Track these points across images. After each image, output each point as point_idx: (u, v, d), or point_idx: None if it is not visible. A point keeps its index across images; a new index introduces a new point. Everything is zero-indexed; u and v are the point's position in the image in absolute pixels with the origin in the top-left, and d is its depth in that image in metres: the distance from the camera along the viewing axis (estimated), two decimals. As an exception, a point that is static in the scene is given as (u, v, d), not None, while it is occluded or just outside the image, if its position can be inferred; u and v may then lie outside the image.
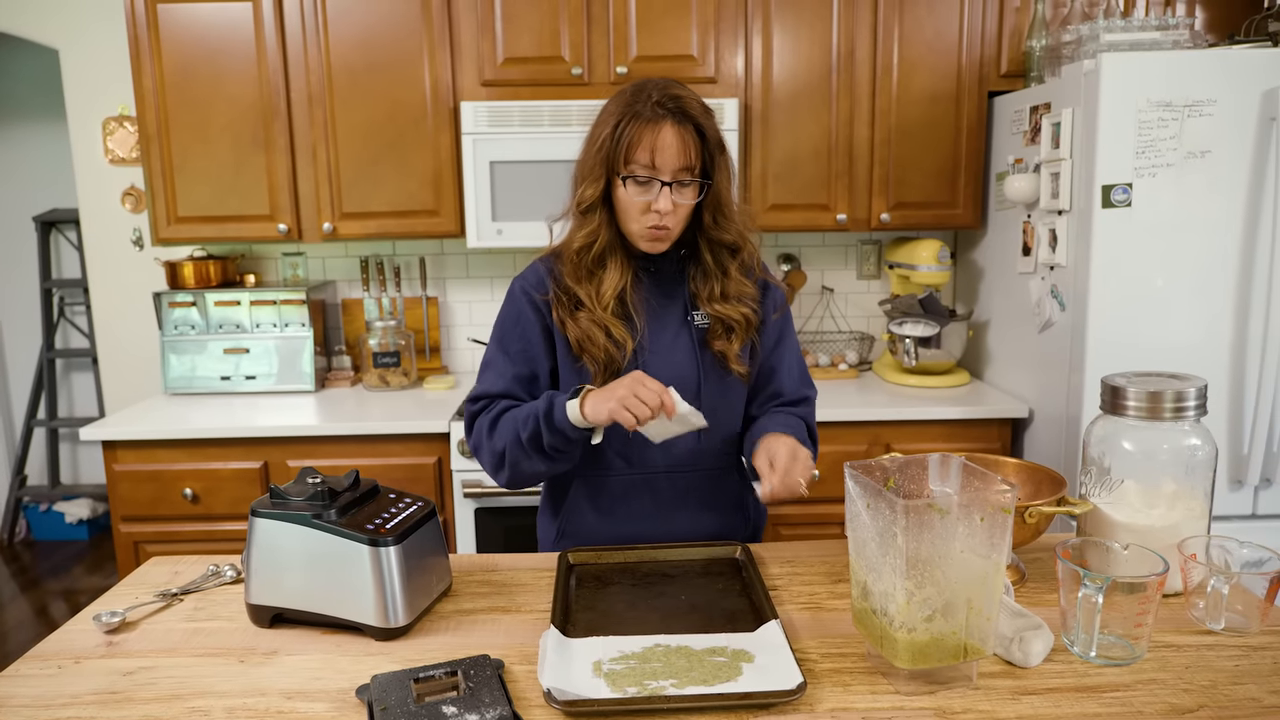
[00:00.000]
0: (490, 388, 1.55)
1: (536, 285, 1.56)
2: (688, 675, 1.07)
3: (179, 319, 2.98)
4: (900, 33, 2.76)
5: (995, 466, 1.48)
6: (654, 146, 1.41)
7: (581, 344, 1.50)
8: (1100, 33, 2.32)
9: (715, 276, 1.54)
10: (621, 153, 1.43)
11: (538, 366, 1.56)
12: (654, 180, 1.43)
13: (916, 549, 1.00)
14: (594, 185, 1.47)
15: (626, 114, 1.43)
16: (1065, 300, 2.36)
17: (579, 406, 1.39)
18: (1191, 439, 1.29)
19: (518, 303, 1.57)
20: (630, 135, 1.42)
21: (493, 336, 1.60)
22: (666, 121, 1.42)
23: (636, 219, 1.46)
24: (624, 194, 1.45)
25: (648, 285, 1.55)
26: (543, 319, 1.55)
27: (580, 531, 1.60)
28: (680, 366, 1.54)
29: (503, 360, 1.56)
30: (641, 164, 1.42)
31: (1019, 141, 2.63)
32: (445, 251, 3.24)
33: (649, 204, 1.44)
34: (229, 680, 1.12)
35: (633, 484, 1.57)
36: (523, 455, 1.47)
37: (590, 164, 1.48)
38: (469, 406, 1.57)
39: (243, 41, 2.74)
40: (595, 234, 1.49)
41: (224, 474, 2.59)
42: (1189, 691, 1.05)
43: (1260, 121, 2.15)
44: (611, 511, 1.58)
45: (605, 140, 1.45)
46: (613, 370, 1.49)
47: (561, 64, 2.75)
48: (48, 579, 4.10)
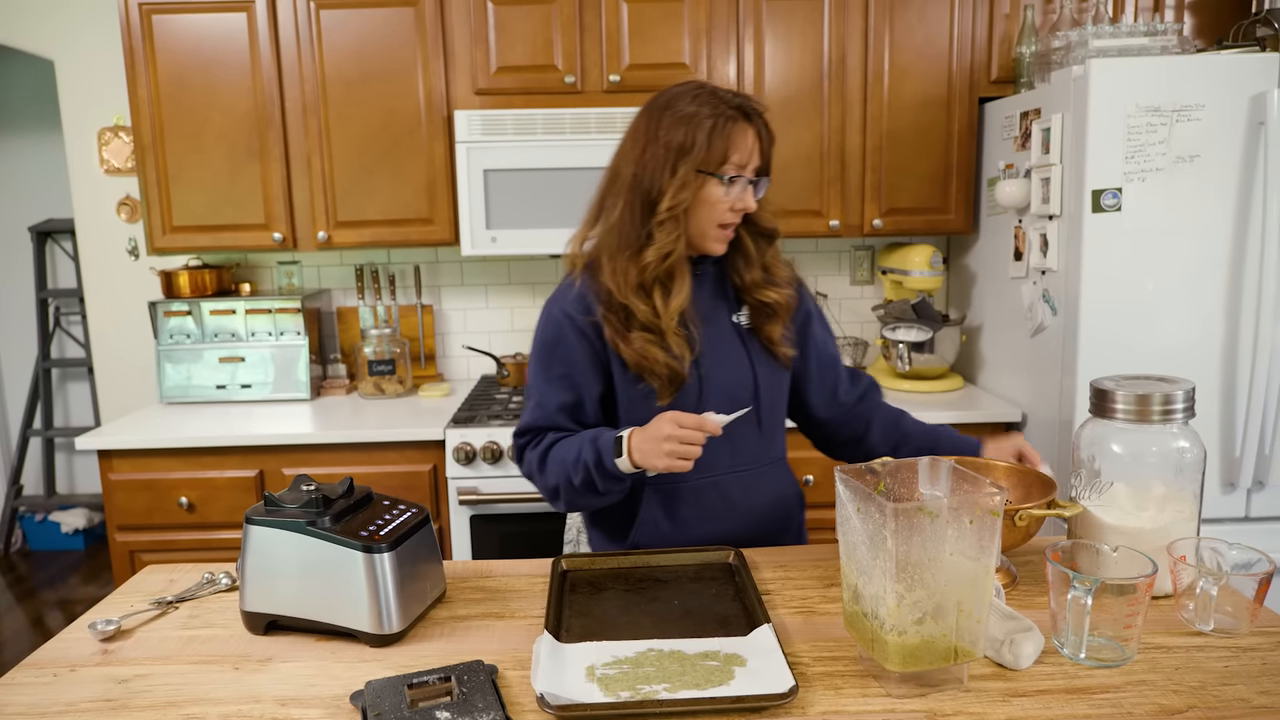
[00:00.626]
0: (535, 421, 1.55)
1: (579, 307, 1.52)
2: (681, 679, 1.08)
3: (174, 328, 2.99)
4: (891, 39, 2.78)
5: (985, 470, 1.49)
6: (747, 145, 1.47)
7: (640, 365, 1.48)
8: (1089, 39, 2.34)
9: (757, 263, 1.58)
10: (717, 155, 1.45)
11: (583, 392, 1.54)
12: (740, 178, 1.47)
13: (906, 552, 1.01)
14: (687, 189, 1.45)
15: (709, 116, 1.45)
16: (1057, 305, 2.37)
17: (628, 458, 1.42)
18: (1180, 441, 1.30)
19: (559, 327, 1.53)
20: (726, 136, 1.45)
21: (532, 363, 1.58)
22: (743, 121, 1.47)
23: (714, 219, 1.49)
24: (713, 194, 1.47)
25: (696, 291, 1.54)
26: (589, 343, 1.52)
27: (656, 539, 1.58)
28: (737, 370, 1.56)
29: (545, 389, 1.55)
30: (735, 164, 1.46)
31: (1010, 147, 2.65)
32: (440, 259, 3.25)
33: (733, 202, 1.48)
34: (224, 687, 1.12)
35: (702, 488, 1.57)
36: (577, 495, 1.51)
37: (669, 168, 1.46)
38: (516, 440, 1.59)
39: (237, 52, 2.75)
40: (676, 242, 1.47)
41: (219, 483, 2.59)
42: (1178, 692, 1.05)
43: (1249, 126, 2.17)
44: (685, 518, 1.58)
45: (699, 144, 1.44)
46: (677, 384, 1.49)
47: (554, 72, 2.77)
48: (44, 589, 4.10)
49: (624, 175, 1.50)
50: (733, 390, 1.54)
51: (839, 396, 1.70)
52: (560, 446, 1.51)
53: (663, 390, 1.49)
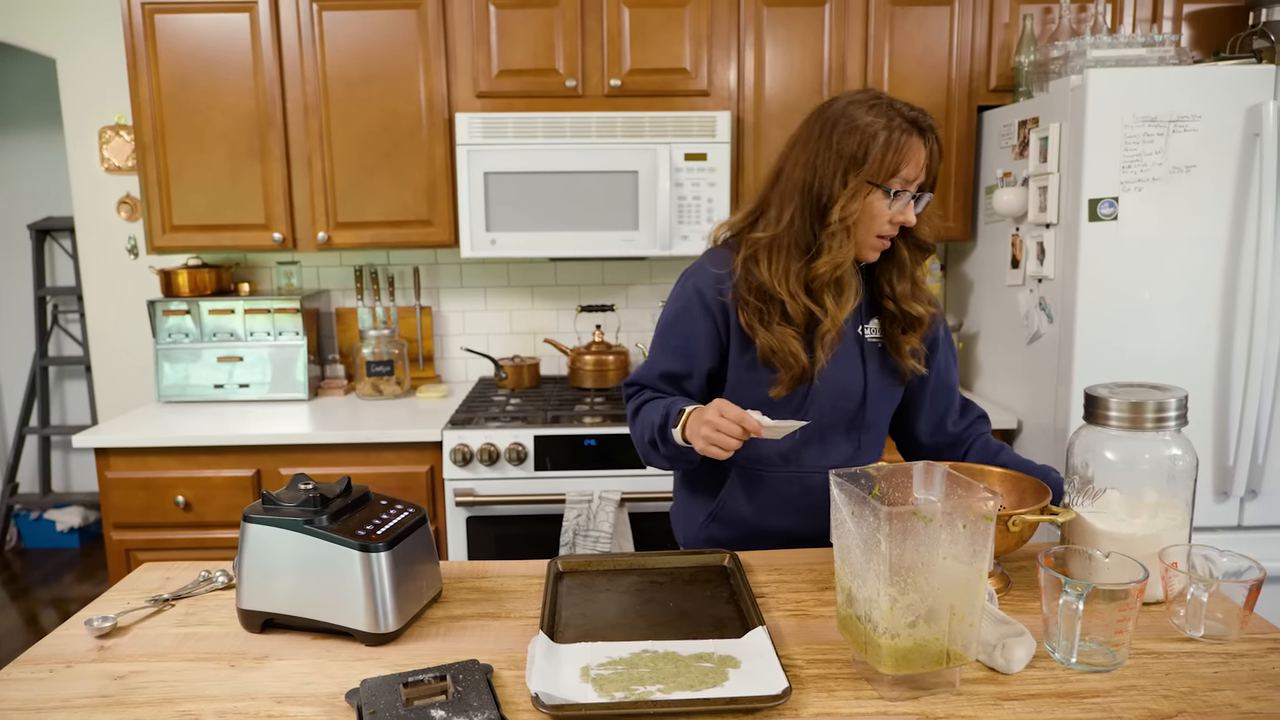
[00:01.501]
0: (638, 378, 1.66)
1: (713, 286, 1.57)
2: (674, 680, 1.08)
3: (173, 327, 2.99)
4: (891, 47, 2.79)
5: (979, 475, 1.50)
6: (918, 160, 1.48)
7: (775, 354, 1.52)
8: (1087, 49, 2.35)
9: (909, 274, 1.59)
10: (887, 167, 1.46)
11: (693, 365, 1.60)
12: (904, 192, 1.48)
13: (900, 556, 1.01)
14: (854, 201, 1.47)
15: (891, 128, 1.46)
16: (1053, 312, 2.38)
17: (681, 432, 1.47)
18: (1173, 449, 1.31)
19: (688, 300, 1.60)
20: (898, 148, 1.46)
21: (658, 325, 1.66)
22: (915, 136, 1.47)
23: (879, 229, 1.50)
24: (877, 205, 1.48)
25: None
26: (714, 320, 1.57)
27: (734, 518, 1.65)
28: (850, 379, 1.59)
29: (658, 353, 1.64)
30: (904, 178, 1.47)
31: (1008, 155, 2.66)
32: (439, 261, 3.26)
33: (894, 215, 1.49)
34: (219, 685, 1.13)
35: (786, 480, 1.61)
36: (651, 453, 1.59)
37: (847, 179, 1.47)
38: (624, 389, 1.69)
39: (239, 52, 2.76)
40: (846, 252, 1.49)
41: (216, 482, 2.59)
42: (1168, 697, 1.06)
43: (1244, 137, 2.18)
44: (765, 505, 1.63)
45: (872, 155, 1.46)
46: (802, 381, 1.53)
47: (556, 76, 2.78)
48: (38, 587, 4.09)
49: (794, 178, 1.53)
50: (840, 398, 1.57)
51: (946, 426, 1.72)
52: (649, 406, 1.58)
53: (787, 382, 1.52)
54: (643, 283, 3.29)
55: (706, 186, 2.74)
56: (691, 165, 2.73)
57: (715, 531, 1.67)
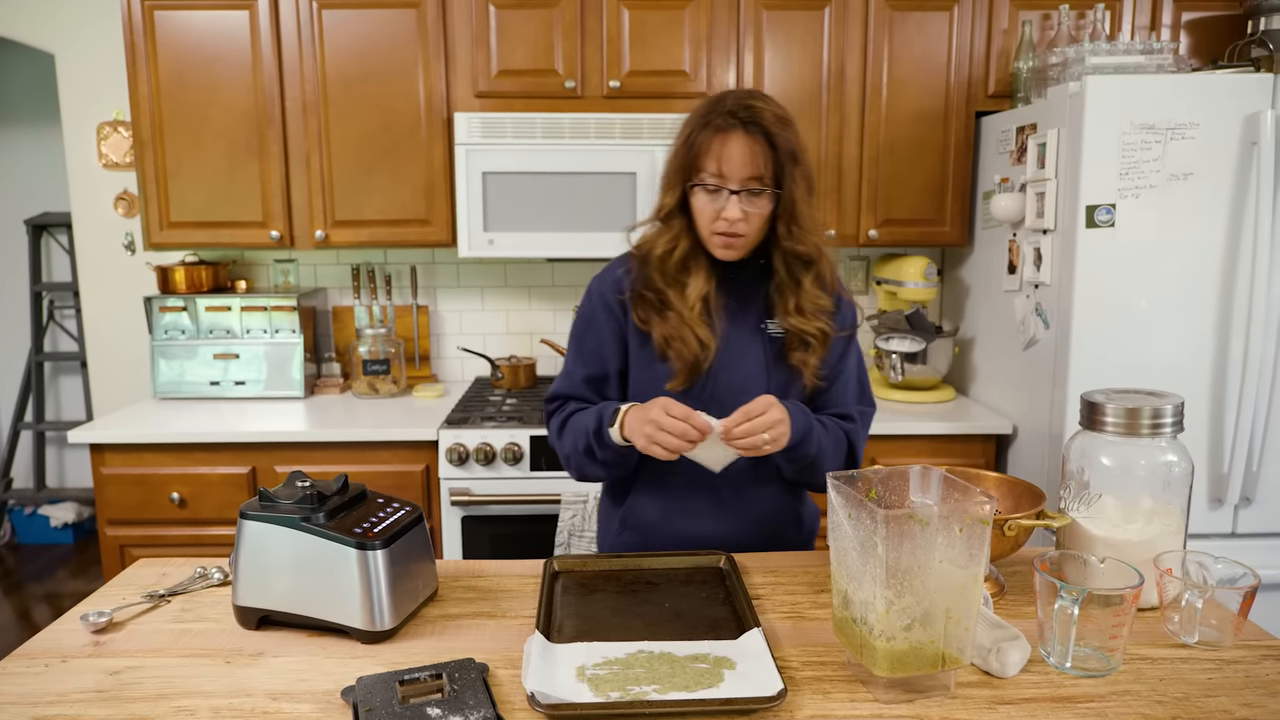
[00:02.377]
0: (561, 389, 1.65)
1: (614, 285, 1.61)
2: (670, 681, 1.08)
3: (169, 324, 2.99)
4: (890, 52, 2.80)
5: (976, 480, 1.50)
6: (721, 155, 1.45)
7: (669, 342, 1.53)
8: (1086, 55, 2.36)
9: (790, 289, 1.55)
10: (693, 161, 1.48)
11: (608, 366, 1.62)
12: (722, 189, 1.46)
13: (896, 559, 1.02)
14: (671, 194, 1.52)
15: (700, 123, 1.47)
16: (1049, 318, 2.39)
17: (619, 430, 1.47)
18: (1168, 455, 1.31)
19: (593, 302, 1.63)
20: (701, 144, 1.47)
21: (571, 334, 1.66)
22: (736, 131, 1.45)
23: (707, 226, 1.50)
24: (695, 202, 1.50)
25: (727, 290, 1.58)
26: (615, 319, 1.60)
27: (641, 523, 1.64)
28: (750, 375, 1.57)
29: (575, 360, 1.64)
30: (710, 172, 1.46)
31: (1005, 161, 2.67)
32: (436, 261, 3.26)
33: (718, 211, 1.47)
34: (215, 681, 1.13)
35: (694, 482, 1.59)
36: (585, 462, 1.58)
37: (669, 173, 1.53)
38: (546, 406, 1.67)
39: (238, 49, 2.75)
40: (675, 240, 1.53)
41: (212, 479, 2.59)
42: (1162, 703, 1.06)
43: (1242, 145, 2.19)
44: (672, 507, 1.62)
45: (680, 150, 1.50)
46: (697, 371, 1.53)
47: (555, 77, 2.78)
48: (31, 583, 4.08)
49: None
50: (738, 394, 1.53)
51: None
52: (577, 415, 1.58)
53: (681, 372, 1.52)
54: (640, 284, 3.29)
55: (705, 189, 2.74)
56: (690, 167, 2.72)
57: (628, 539, 1.65)
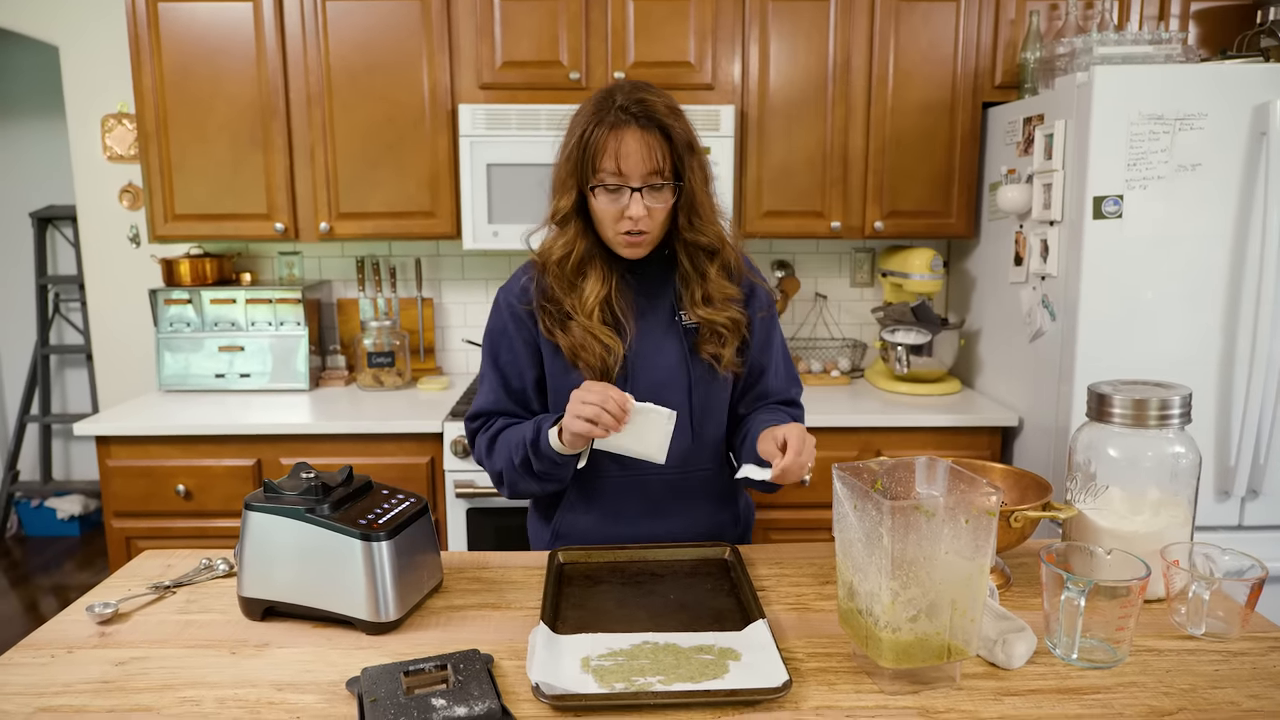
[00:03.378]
0: (485, 405, 1.60)
1: (520, 296, 1.57)
2: (675, 672, 1.08)
3: (174, 316, 2.99)
4: (896, 43, 2.79)
5: (982, 471, 1.49)
6: (619, 153, 1.40)
7: (575, 352, 1.49)
8: (1094, 46, 2.34)
9: (696, 280, 1.53)
10: (589, 162, 1.42)
11: (525, 379, 1.58)
12: (624, 187, 1.42)
13: (902, 550, 1.01)
14: (566, 196, 1.47)
15: (591, 122, 1.42)
16: (1056, 310, 2.38)
17: (558, 434, 1.43)
18: (1175, 447, 1.30)
19: (502, 315, 1.59)
20: (596, 143, 1.41)
21: (484, 349, 1.62)
22: (630, 127, 1.40)
23: (611, 226, 1.46)
24: (597, 203, 1.45)
25: (634, 288, 1.55)
26: (526, 330, 1.56)
27: (574, 533, 1.60)
28: (669, 369, 1.54)
29: (493, 375, 1.60)
30: (609, 171, 1.42)
31: (1012, 152, 2.65)
32: (441, 253, 3.25)
33: (622, 211, 1.43)
34: (220, 671, 1.13)
35: (625, 486, 1.57)
36: (518, 478, 1.53)
37: (562, 175, 1.48)
38: (469, 424, 1.62)
39: (243, 41, 2.75)
40: (572, 244, 1.49)
41: (217, 471, 2.59)
42: (1169, 694, 1.06)
43: (1251, 136, 2.18)
44: (604, 514, 1.59)
45: (573, 150, 1.44)
46: (608, 375, 1.49)
47: (559, 68, 2.77)
48: (38, 575, 4.10)
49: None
50: (661, 390, 1.51)
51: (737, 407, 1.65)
52: (507, 431, 1.55)
53: (594, 379, 1.48)
54: (645, 276, 3.28)
55: (710, 180, 2.73)
56: (695, 159, 2.72)
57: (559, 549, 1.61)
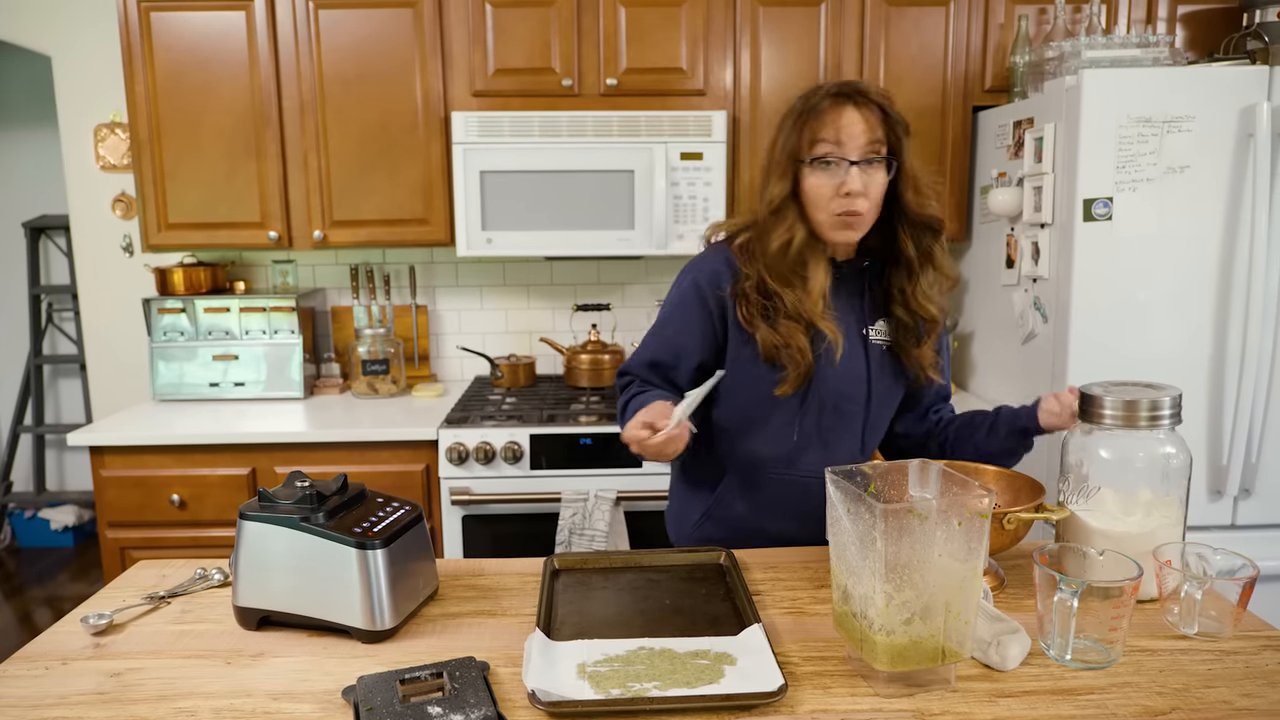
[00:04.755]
0: (630, 366, 1.63)
1: (712, 279, 1.54)
2: (671, 677, 1.08)
3: (168, 325, 2.99)
4: (886, 48, 2.80)
5: (974, 473, 1.50)
6: (839, 124, 1.41)
7: (777, 350, 1.48)
8: (1082, 49, 2.36)
9: (919, 265, 1.51)
10: (805, 140, 1.43)
11: (680, 358, 1.57)
12: (841, 161, 1.41)
13: (896, 553, 1.02)
14: (781, 182, 1.46)
15: (805, 107, 1.44)
16: (1048, 312, 2.39)
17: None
18: (1167, 447, 1.31)
19: (684, 294, 1.57)
20: (814, 118, 1.42)
21: (660, 313, 1.62)
22: (848, 104, 1.42)
23: (825, 206, 1.44)
24: (812, 182, 1.44)
25: (832, 292, 1.52)
26: (711, 315, 1.54)
27: (728, 518, 1.63)
28: (853, 382, 1.55)
29: (653, 342, 1.61)
30: (829, 141, 1.41)
31: (1002, 155, 2.67)
32: (435, 260, 3.26)
33: (838, 187, 1.42)
34: (216, 681, 1.13)
35: (788, 484, 1.58)
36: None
37: (775, 162, 1.48)
38: (618, 379, 1.65)
39: (235, 49, 2.75)
40: (791, 231, 1.46)
41: (212, 480, 2.59)
42: (1162, 694, 1.07)
43: (1238, 138, 2.19)
44: (761, 507, 1.61)
45: (788, 133, 1.45)
46: (809, 376, 1.49)
47: (552, 75, 2.78)
48: (32, 586, 4.08)
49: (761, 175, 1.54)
50: (843, 400, 1.53)
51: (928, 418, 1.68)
52: (637, 399, 1.54)
53: (794, 379, 1.48)
54: (639, 282, 3.29)
55: (702, 186, 2.74)
56: (687, 165, 2.73)
57: (709, 531, 1.66)
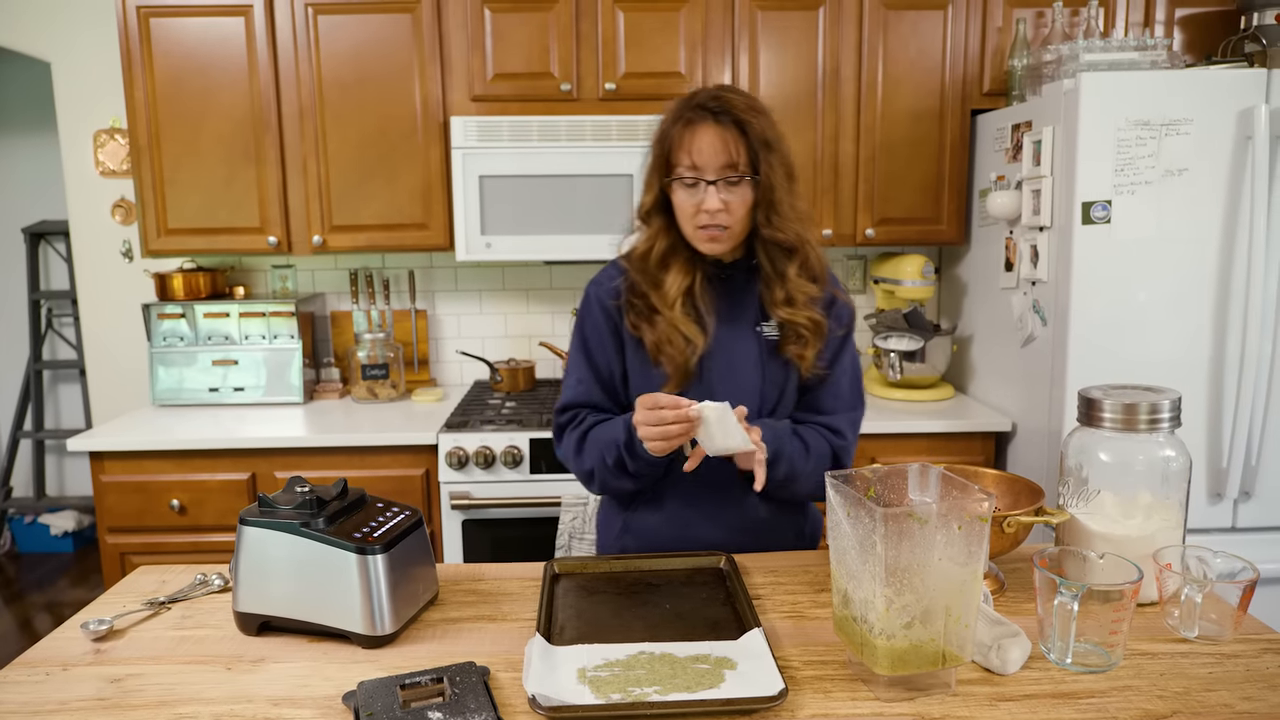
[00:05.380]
0: (574, 398, 1.62)
1: (608, 290, 1.60)
2: (671, 682, 1.08)
3: (168, 330, 2.99)
4: (885, 51, 2.80)
5: (974, 477, 1.50)
6: (693, 147, 1.45)
7: (660, 347, 1.52)
8: (1080, 53, 2.36)
9: (776, 281, 1.54)
10: (667, 157, 1.48)
11: (614, 368, 1.61)
12: (699, 180, 1.46)
13: (896, 557, 1.02)
14: (650, 193, 1.53)
15: (671, 119, 1.48)
16: (1047, 315, 2.39)
17: None
18: (1166, 450, 1.31)
19: (592, 306, 1.62)
20: (673, 138, 1.47)
21: (574, 339, 1.65)
22: (707, 121, 1.45)
23: (690, 220, 1.49)
24: (678, 198, 1.49)
25: (719, 292, 1.57)
26: (613, 322, 1.59)
27: (645, 529, 1.63)
28: (745, 375, 1.56)
29: (584, 365, 1.62)
30: (685, 165, 1.46)
31: (1001, 159, 2.67)
32: (434, 265, 3.26)
33: (698, 205, 1.46)
34: (216, 687, 1.13)
35: (695, 490, 1.59)
36: (611, 477, 1.55)
37: (647, 173, 1.54)
38: (557, 417, 1.63)
39: (234, 55, 2.76)
40: (654, 239, 1.54)
41: (211, 485, 2.59)
42: (1163, 698, 1.07)
43: (1236, 140, 2.20)
44: (675, 514, 1.61)
45: (655, 148, 1.51)
46: (688, 371, 1.52)
47: (551, 80, 2.78)
48: (32, 591, 4.08)
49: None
50: (738, 398, 1.53)
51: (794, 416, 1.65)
52: (598, 428, 1.56)
53: (674, 375, 1.52)
54: (638, 286, 3.29)
55: (701, 190, 2.74)
56: (686, 169, 2.73)
57: (627, 543, 1.64)
